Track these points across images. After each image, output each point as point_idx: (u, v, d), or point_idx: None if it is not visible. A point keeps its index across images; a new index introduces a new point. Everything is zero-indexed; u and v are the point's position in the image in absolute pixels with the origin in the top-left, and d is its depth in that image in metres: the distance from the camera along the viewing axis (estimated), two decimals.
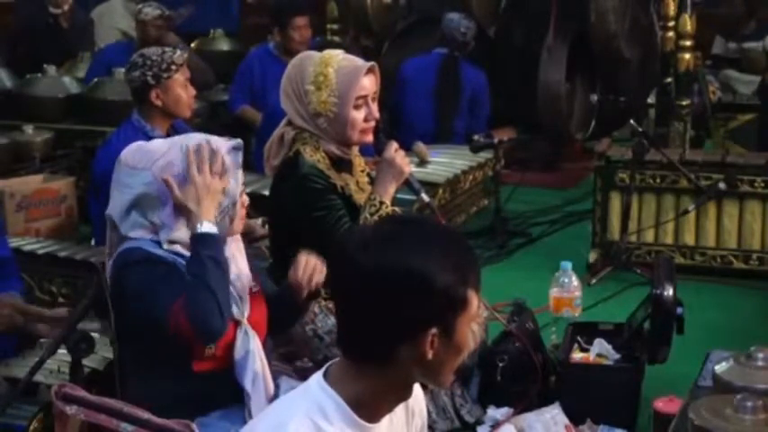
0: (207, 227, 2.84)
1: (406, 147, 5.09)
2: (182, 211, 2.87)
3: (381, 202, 3.58)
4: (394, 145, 3.67)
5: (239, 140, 2.98)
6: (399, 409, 2.01)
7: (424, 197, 3.80)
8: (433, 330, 1.86)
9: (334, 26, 7.80)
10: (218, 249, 2.84)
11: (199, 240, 2.83)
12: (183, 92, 4.58)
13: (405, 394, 1.97)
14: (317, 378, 1.94)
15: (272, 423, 1.90)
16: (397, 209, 3.65)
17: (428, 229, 1.93)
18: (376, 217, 3.53)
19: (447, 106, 6.97)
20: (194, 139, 2.96)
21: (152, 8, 6.97)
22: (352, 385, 1.91)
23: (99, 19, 9.12)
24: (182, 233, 2.88)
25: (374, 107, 3.64)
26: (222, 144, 2.93)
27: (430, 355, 1.87)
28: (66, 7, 8.25)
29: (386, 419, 1.97)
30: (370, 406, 1.92)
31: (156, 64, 4.52)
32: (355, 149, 3.76)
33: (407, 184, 3.74)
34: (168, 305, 2.77)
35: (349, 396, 1.90)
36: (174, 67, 4.53)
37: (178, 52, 4.63)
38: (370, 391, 1.91)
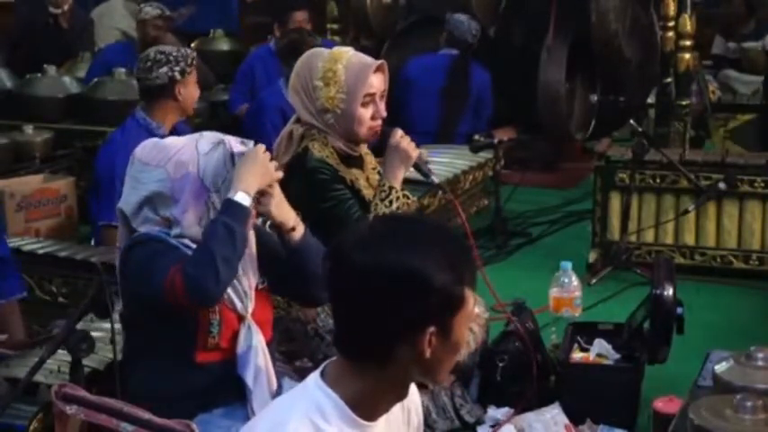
0: (240, 196, 2.85)
1: None
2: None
3: (391, 188, 3.59)
4: (399, 131, 3.68)
5: (251, 142, 3.00)
6: (396, 408, 2.02)
7: (434, 179, 3.81)
8: (431, 329, 1.86)
9: (334, 26, 7.80)
10: (238, 218, 2.83)
11: (225, 205, 2.86)
12: (194, 89, 4.69)
13: (402, 393, 1.98)
14: (314, 378, 1.95)
15: (271, 423, 1.90)
16: (408, 193, 3.66)
17: (424, 227, 1.94)
18: (387, 202, 3.55)
19: (454, 108, 6.97)
20: (209, 138, 2.98)
21: (152, 8, 6.98)
22: (349, 384, 1.91)
23: (99, 19, 9.12)
24: (193, 230, 2.90)
25: (382, 105, 3.64)
26: (236, 145, 2.95)
27: (428, 353, 1.87)
28: (66, 7, 8.26)
29: (383, 418, 1.97)
30: (367, 405, 1.92)
31: (183, 59, 4.61)
32: (365, 147, 3.76)
33: (417, 169, 3.75)
34: (163, 274, 2.79)
35: (347, 395, 1.90)
36: (194, 63, 4.65)
37: (190, 50, 4.75)
38: (368, 390, 1.91)
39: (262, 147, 2.95)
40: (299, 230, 3.02)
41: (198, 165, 2.91)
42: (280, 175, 2.98)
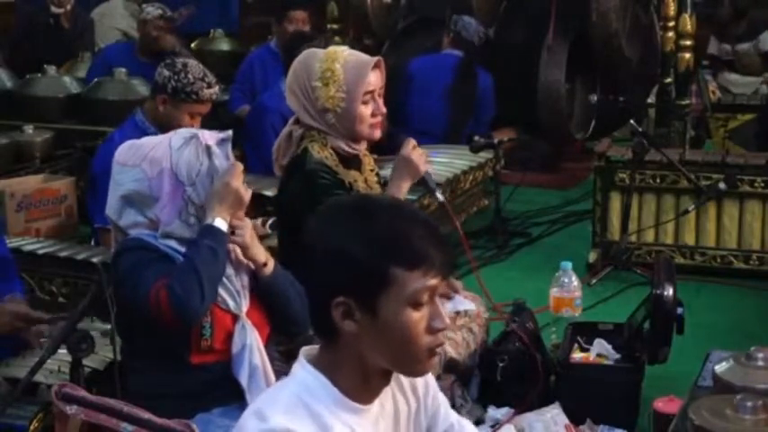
0: (218, 222, 2.91)
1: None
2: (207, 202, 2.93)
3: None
4: (412, 142, 3.69)
5: (229, 132, 3.02)
6: (390, 397, 2.02)
7: (439, 196, 3.84)
8: (340, 299, 1.86)
9: (335, 26, 7.80)
10: (219, 242, 2.89)
11: (205, 230, 2.90)
12: (177, 118, 4.44)
13: (377, 376, 1.95)
14: (299, 362, 1.97)
15: (262, 404, 1.92)
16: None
17: (374, 206, 1.93)
18: None
19: (462, 109, 6.96)
20: (182, 133, 3.01)
21: (154, 8, 6.97)
22: (327, 364, 1.94)
23: (99, 19, 9.13)
24: (176, 226, 2.92)
25: (381, 102, 3.64)
26: (210, 137, 2.98)
27: (351, 328, 1.87)
28: (68, 7, 8.26)
29: (377, 405, 1.97)
30: (348, 384, 1.93)
31: (189, 86, 4.42)
32: (364, 147, 3.77)
33: (422, 183, 3.76)
34: (148, 286, 2.82)
35: (328, 374, 1.93)
36: (193, 97, 4.44)
37: (212, 90, 4.49)
38: (341, 369, 1.93)
39: (234, 170, 2.96)
40: (270, 266, 3.07)
41: (171, 159, 2.94)
42: (249, 195, 3.00)
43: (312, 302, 1.95)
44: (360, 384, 1.94)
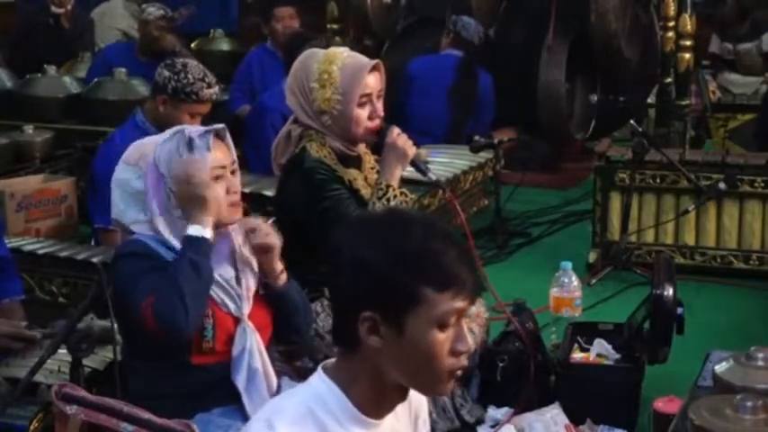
0: (193, 230, 2.88)
1: None
2: (184, 205, 2.92)
3: (388, 186, 3.60)
4: (395, 129, 3.68)
5: (221, 125, 3.03)
6: (404, 415, 2.02)
7: (432, 176, 3.84)
8: (368, 313, 1.86)
9: (335, 26, 7.80)
10: (198, 251, 2.87)
11: (187, 241, 2.89)
12: (178, 118, 4.42)
13: (392, 392, 1.95)
14: (317, 371, 1.96)
15: (270, 411, 1.92)
16: (405, 191, 3.66)
17: (406, 222, 1.92)
18: (384, 201, 3.56)
19: (462, 109, 6.95)
20: (173, 129, 3.03)
21: (155, 8, 6.97)
22: (344, 375, 1.92)
23: (99, 19, 9.13)
24: (160, 222, 2.93)
25: (379, 105, 3.64)
26: (194, 129, 2.99)
27: (375, 343, 1.86)
28: (68, 7, 8.26)
29: (390, 421, 1.97)
30: (362, 398, 1.92)
31: (189, 86, 4.43)
32: (363, 146, 3.76)
33: (414, 166, 3.76)
34: (140, 300, 2.82)
35: (343, 386, 1.92)
36: (193, 97, 4.45)
37: (211, 90, 4.51)
38: (357, 382, 1.92)
39: (188, 170, 2.93)
40: (284, 277, 3.06)
41: (155, 152, 2.95)
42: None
43: (338, 314, 1.94)
44: (374, 398, 1.93)
